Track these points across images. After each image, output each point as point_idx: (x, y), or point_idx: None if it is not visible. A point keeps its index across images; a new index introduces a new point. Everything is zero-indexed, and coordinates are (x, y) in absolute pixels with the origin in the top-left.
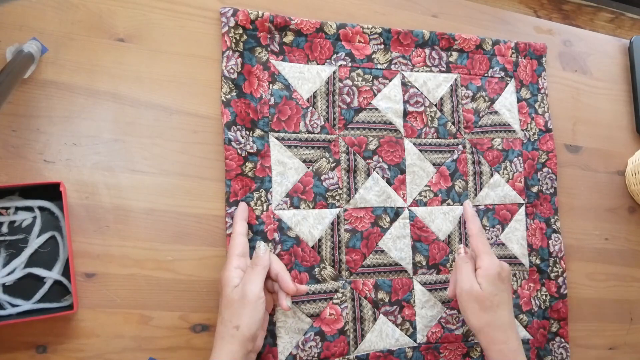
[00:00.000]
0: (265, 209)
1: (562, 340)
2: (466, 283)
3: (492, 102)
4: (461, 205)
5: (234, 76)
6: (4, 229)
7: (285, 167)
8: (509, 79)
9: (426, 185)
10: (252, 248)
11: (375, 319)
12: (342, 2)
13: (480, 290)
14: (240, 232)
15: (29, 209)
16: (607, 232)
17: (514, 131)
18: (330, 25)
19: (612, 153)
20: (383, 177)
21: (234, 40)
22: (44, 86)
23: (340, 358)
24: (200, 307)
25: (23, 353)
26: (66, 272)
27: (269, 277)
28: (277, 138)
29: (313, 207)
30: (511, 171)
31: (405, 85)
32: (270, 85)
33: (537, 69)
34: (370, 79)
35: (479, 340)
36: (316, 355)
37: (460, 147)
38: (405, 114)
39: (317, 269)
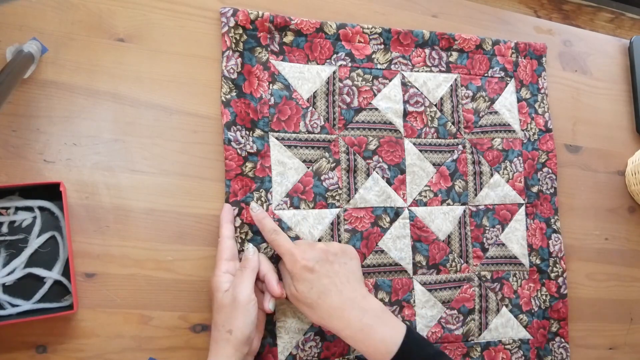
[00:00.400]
0: (265, 209)
1: (562, 340)
2: (287, 288)
3: (492, 102)
4: (461, 205)
5: (234, 76)
6: (4, 229)
7: (285, 167)
8: (509, 79)
9: (426, 185)
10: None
11: None
12: (342, 2)
13: (297, 292)
14: (227, 236)
15: (29, 209)
16: (607, 232)
17: (514, 131)
18: (330, 25)
19: (612, 153)
20: (383, 177)
21: (234, 40)
22: (44, 86)
23: (340, 358)
24: (200, 307)
25: (23, 353)
26: (66, 272)
27: (257, 278)
28: (277, 138)
29: (313, 207)
30: (511, 171)
31: (405, 85)
32: (270, 85)
33: (537, 69)
34: (370, 79)
35: (335, 333)
36: (316, 355)
37: (460, 147)
38: (405, 114)
39: None
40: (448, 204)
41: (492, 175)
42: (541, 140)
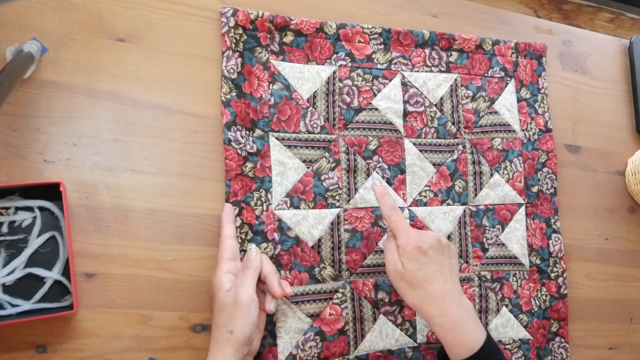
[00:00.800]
0: (265, 209)
1: (562, 340)
2: (390, 264)
3: (492, 102)
4: (461, 205)
5: (234, 76)
6: (4, 229)
7: (285, 167)
8: (509, 79)
9: (426, 185)
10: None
11: (375, 319)
12: (342, 2)
13: (403, 268)
14: (229, 235)
15: (29, 209)
16: (607, 232)
17: (514, 131)
18: (330, 25)
19: (612, 153)
20: (383, 177)
21: (234, 40)
22: (44, 86)
23: (340, 358)
24: (200, 307)
25: (23, 353)
26: (66, 272)
27: (259, 279)
28: (277, 138)
29: (313, 207)
30: (511, 171)
31: (405, 85)
32: (270, 85)
33: (537, 69)
34: (370, 79)
35: (422, 317)
36: (316, 355)
37: (460, 147)
38: (405, 114)
39: (317, 269)
40: (448, 204)
41: (492, 175)
42: (541, 140)
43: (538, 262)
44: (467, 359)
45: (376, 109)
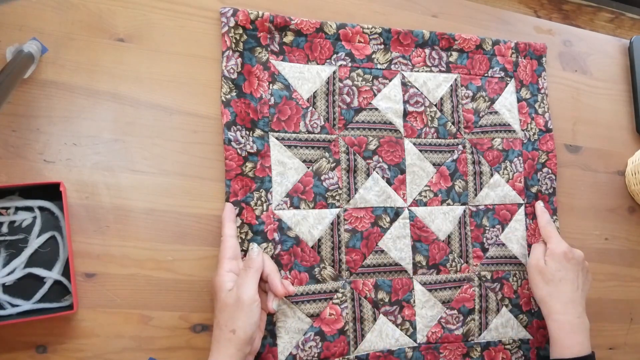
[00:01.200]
0: (265, 209)
1: None
2: (533, 259)
3: (492, 102)
4: (461, 205)
5: (234, 76)
6: (4, 229)
7: (285, 167)
8: (509, 79)
9: (426, 185)
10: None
11: (375, 319)
12: (342, 2)
13: (544, 265)
14: (230, 235)
15: (29, 209)
16: (607, 232)
17: (514, 131)
18: (330, 25)
19: (612, 153)
20: (383, 177)
21: (234, 40)
22: (44, 86)
23: (340, 358)
24: (200, 307)
25: (23, 353)
26: (66, 272)
27: (260, 279)
28: (277, 138)
29: (313, 207)
30: (511, 171)
31: (405, 85)
32: (270, 85)
33: (537, 69)
34: (370, 79)
35: (541, 310)
36: (316, 355)
37: (460, 147)
38: (405, 114)
39: (317, 269)
40: (448, 204)
41: (492, 175)
42: (541, 140)
43: None
44: (568, 359)
45: (376, 109)
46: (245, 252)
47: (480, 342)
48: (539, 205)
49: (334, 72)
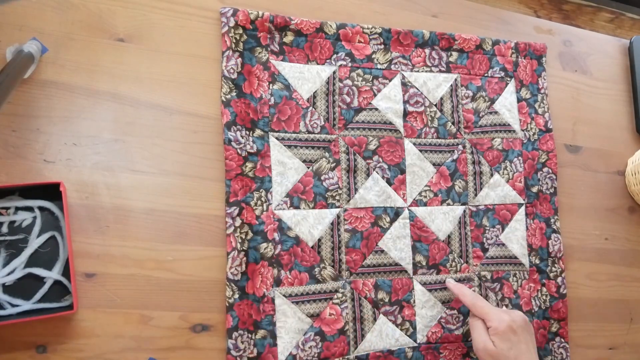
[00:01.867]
0: (265, 209)
1: (562, 340)
2: (480, 343)
3: (492, 102)
4: (461, 205)
5: (234, 76)
6: (4, 229)
7: (285, 167)
8: (509, 79)
9: (426, 185)
10: (251, 248)
11: (375, 319)
12: (342, 2)
13: (494, 347)
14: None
15: (29, 209)
16: (607, 232)
17: (514, 131)
18: (330, 25)
19: (612, 153)
20: (383, 177)
21: (234, 40)
22: (44, 86)
23: (340, 358)
24: (200, 307)
25: (23, 353)
26: (66, 272)
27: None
28: (277, 138)
29: (313, 207)
30: (511, 171)
31: (405, 85)
32: (270, 85)
33: (537, 69)
34: (370, 79)
35: None
36: (316, 355)
37: (460, 147)
38: (405, 114)
39: (317, 269)
40: (448, 204)
41: (492, 175)
42: (541, 140)
43: (537, 262)
44: None
45: (376, 109)
46: (245, 251)
47: None
48: (450, 282)
49: (334, 72)
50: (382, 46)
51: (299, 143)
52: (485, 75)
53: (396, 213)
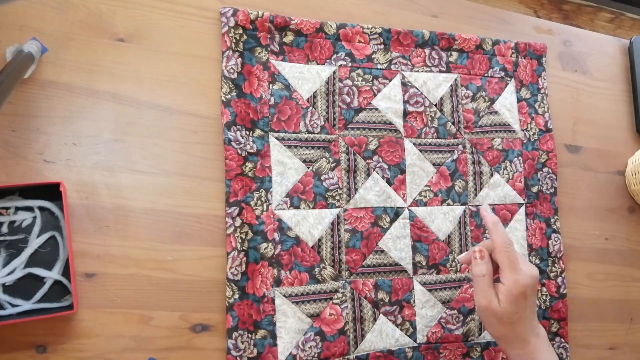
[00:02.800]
0: (265, 209)
1: (562, 340)
2: (483, 299)
3: (492, 102)
4: (461, 205)
5: (234, 76)
6: (4, 229)
7: (285, 167)
8: (509, 79)
9: (426, 185)
10: (251, 248)
11: (375, 319)
12: (342, 2)
13: (499, 307)
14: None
15: (29, 209)
16: (607, 232)
17: (514, 131)
18: (330, 25)
19: (612, 153)
20: (383, 177)
21: (234, 40)
22: (44, 86)
23: (340, 358)
24: (200, 307)
25: (23, 353)
26: (66, 272)
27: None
28: (277, 138)
29: (313, 207)
30: (511, 171)
31: (405, 85)
32: (270, 85)
33: (537, 69)
34: (370, 79)
35: (499, 344)
36: (316, 355)
37: (460, 147)
38: (405, 114)
39: (317, 269)
40: (448, 204)
41: (492, 175)
42: (541, 140)
43: (538, 262)
44: None
45: (376, 109)
46: (245, 251)
47: (480, 342)
48: (485, 211)
49: (334, 72)
50: (382, 46)
51: (299, 143)
52: (485, 75)
53: (396, 213)
